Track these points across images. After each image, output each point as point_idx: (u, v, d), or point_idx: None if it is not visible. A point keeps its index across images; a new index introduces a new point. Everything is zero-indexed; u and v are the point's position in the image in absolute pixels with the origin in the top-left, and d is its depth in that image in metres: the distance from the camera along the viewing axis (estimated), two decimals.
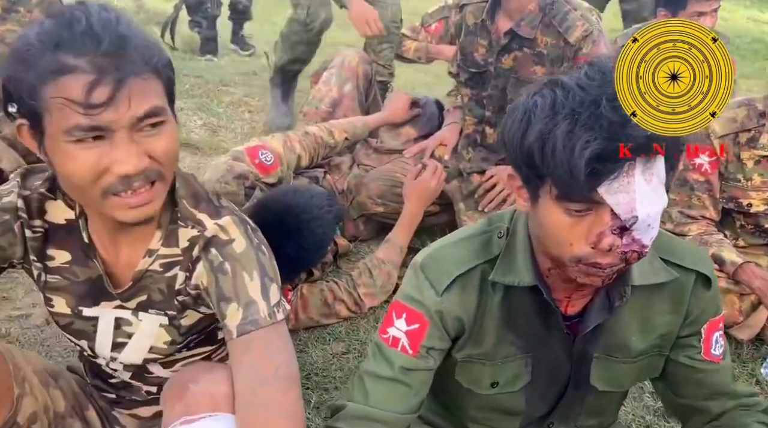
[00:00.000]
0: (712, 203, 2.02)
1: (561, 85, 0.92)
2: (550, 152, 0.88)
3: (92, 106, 0.87)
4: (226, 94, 3.72)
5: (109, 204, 0.95)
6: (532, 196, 0.96)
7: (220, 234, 1.07)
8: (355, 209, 2.32)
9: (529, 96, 0.95)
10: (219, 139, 3.08)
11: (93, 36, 0.89)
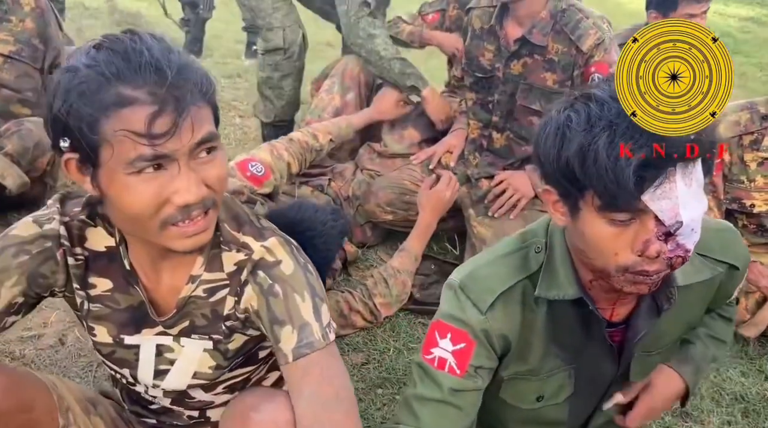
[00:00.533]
0: (716, 204, 2.06)
1: (594, 99, 0.94)
2: (592, 164, 0.89)
3: (156, 136, 0.87)
4: None
5: (167, 234, 0.94)
6: (571, 209, 0.97)
7: (267, 256, 1.06)
8: (362, 215, 2.31)
9: (559, 111, 0.97)
10: None
11: (157, 68, 0.87)
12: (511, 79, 2.04)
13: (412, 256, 1.94)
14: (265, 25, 2.57)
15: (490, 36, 2.08)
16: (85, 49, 0.93)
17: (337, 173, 2.39)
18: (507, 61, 2.02)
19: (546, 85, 2.00)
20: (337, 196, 2.32)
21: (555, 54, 1.96)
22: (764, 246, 2.11)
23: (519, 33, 2.00)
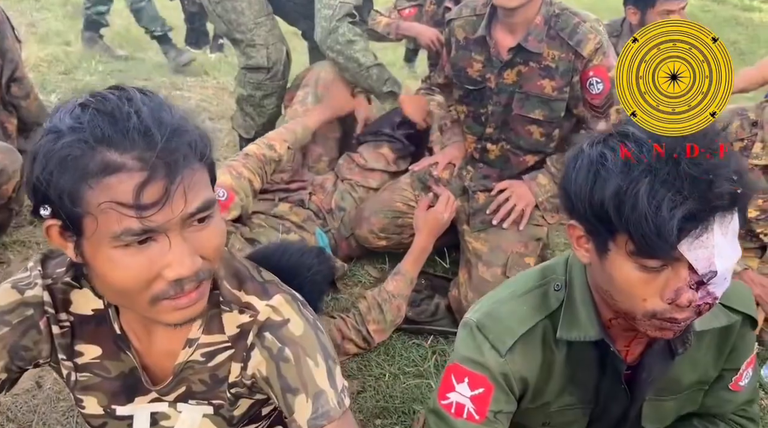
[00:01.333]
0: None
1: (633, 139, 0.90)
2: (630, 210, 0.85)
3: (144, 207, 0.77)
4: (181, 100, 3.50)
5: (157, 309, 0.85)
6: (598, 248, 0.93)
7: (274, 315, 0.98)
8: (347, 227, 2.23)
9: (592, 145, 0.93)
10: None
11: (146, 131, 0.78)
12: (504, 89, 1.96)
13: (407, 280, 1.88)
14: (246, 40, 2.42)
15: (478, 46, 1.99)
16: (70, 107, 0.82)
17: (317, 185, 2.30)
18: (500, 71, 1.94)
19: (544, 93, 1.93)
20: (319, 210, 2.23)
21: (551, 60, 1.89)
22: (753, 250, 2.11)
23: (512, 41, 1.91)
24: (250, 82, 2.50)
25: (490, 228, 2.06)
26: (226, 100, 3.60)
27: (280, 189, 2.25)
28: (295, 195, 2.24)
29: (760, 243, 2.08)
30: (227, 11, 2.37)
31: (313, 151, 2.36)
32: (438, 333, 1.98)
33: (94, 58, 4.02)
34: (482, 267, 1.99)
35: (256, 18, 2.39)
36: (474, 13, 2.01)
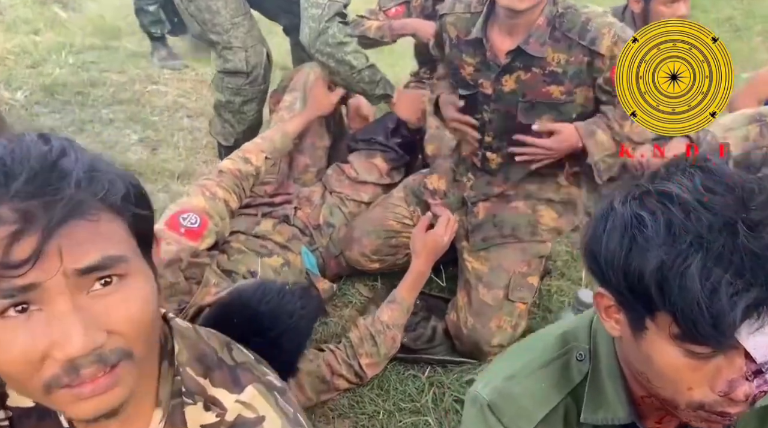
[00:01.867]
0: None
1: (677, 202, 0.73)
2: (677, 290, 0.70)
3: (12, 265, 0.61)
4: (158, 96, 3.32)
5: (56, 399, 0.68)
6: (634, 325, 0.79)
7: (246, 412, 0.82)
8: (336, 245, 2.08)
9: (624, 203, 0.78)
10: (160, 158, 2.73)
11: (29, 176, 0.63)
12: (503, 97, 1.78)
13: (403, 309, 1.73)
14: (222, 42, 2.23)
15: (470, 48, 1.80)
16: None
17: (303, 199, 2.14)
18: (497, 76, 1.76)
19: (552, 98, 1.75)
20: (306, 226, 2.07)
21: (557, 65, 1.71)
22: None
23: (510, 44, 1.73)
24: (229, 87, 2.32)
25: (492, 246, 1.91)
26: (205, 95, 3.40)
27: (263, 203, 2.09)
28: (279, 209, 2.08)
29: None
30: (201, 10, 2.19)
31: (300, 161, 2.20)
32: (435, 363, 1.84)
33: (64, 49, 3.80)
34: (483, 290, 1.85)
35: (233, 18, 2.21)
36: (468, 11, 1.82)
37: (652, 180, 0.79)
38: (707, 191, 0.73)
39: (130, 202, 0.69)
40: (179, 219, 1.59)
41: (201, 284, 1.54)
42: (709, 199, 0.72)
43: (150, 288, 0.71)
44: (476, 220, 1.94)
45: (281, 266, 1.85)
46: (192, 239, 1.57)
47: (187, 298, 1.53)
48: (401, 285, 1.76)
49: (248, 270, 1.73)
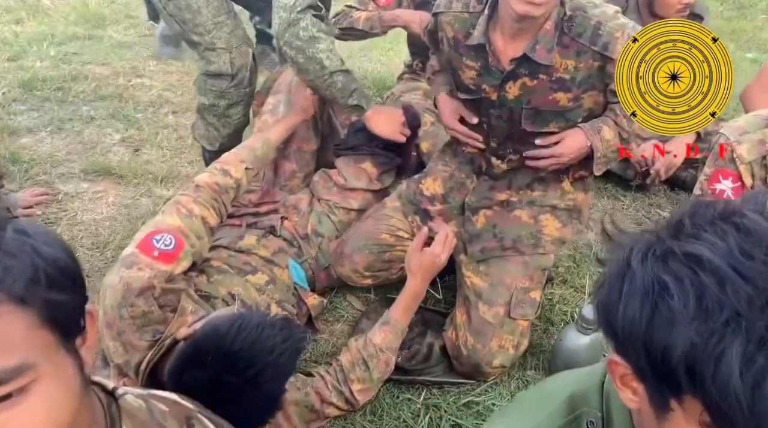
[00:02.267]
0: None
1: (708, 268, 0.61)
2: (710, 378, 0.59)
3: None
4: (142, 90, 3.18)
5: None
6: (656, 403, 0.67)
7: None
8: (326, 256, 1.97)
9: (644, 262, 0.66)
10: (143, 160, 2.60)
11: None
12: (507, 103, 1.66)
13: (398, 331, 1.62)
14: (205, 43, 2.09)
15: (471, 52, 1.67)
16: None
17: (290, 207, 2.02)
18: (501, 83, 1.63)
19: (559, 106, 1.64)
20: (293, 237, 1.96)
21: (564, 71, 1.58)
22: None
23: (514, 50, 1.59)
24: (212, 90, 2.17)
25: (492, 259, 1.79)
26: (192, 89, 3.24)
27: (248, 213, 1.98)
28: (265, 219, 1.97)
29: None
30: (181, 10, 2.03)
31: (285, 168, 2.07)
32: (432, 384, 1.74)
33: (46, 40, 3.66)
34: (483, 307, 1.74)
35: (215, 17, 2.06)
36: (466, 9, 1.68)
37: (675, 234, 0.67)
38: (744, 256, 0.61)
39: (40, 288, 0.57)
40: (152, 241, 1.47)
41: (177, 312, 1.43)
42: (747, 267, 0.61)
43: (64, 390, 0.60)
44: (475, 229, 1.83)
45: (266, 284, 1.74)
46: (166, 262, 1.46)
47: (162, 328, 1.42)
48: (395, 306, 1.64)
49: (228, 292, 1.62)
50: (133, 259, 1.44)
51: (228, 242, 1.83)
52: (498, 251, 1.79)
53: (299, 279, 1.88)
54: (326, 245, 1.98)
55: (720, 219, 0.66)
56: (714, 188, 1.78)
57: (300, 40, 1.89)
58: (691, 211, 0.69)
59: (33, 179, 2.42)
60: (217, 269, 1.69)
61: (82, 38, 3.84)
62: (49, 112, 2.88)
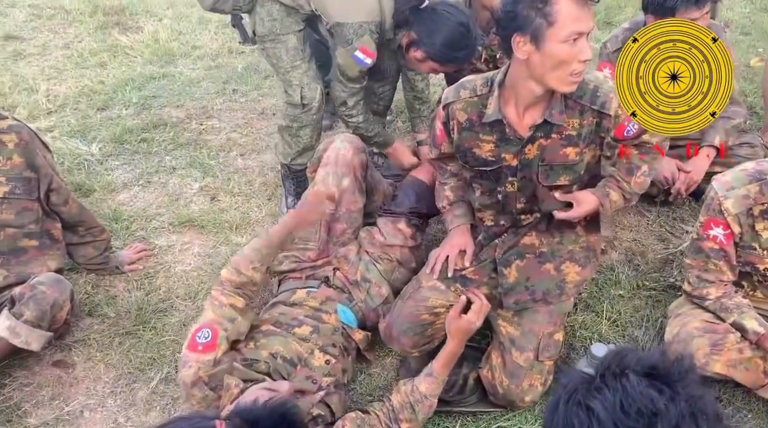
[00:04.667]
0: (729, 268, 2.03)
1: (598, 419, 0.90)
2: None
3: None
4: (213, 133, 3.61)
5: None
6: None
7: None
8: (374, 298, 2.33)
9: (567, 403, 0.94)
10: (219, 208, 3.03)
11: None
12: (527, 164, 1.93)
13: (439, 382, 1.96)
14: (285, 80, 2.74)
15: (486, 127, 1.93)
16: None
17: (341, 258, 2.39)
18: (521, 148, 1.90)
19: (568, 160, 1.91)
20: (344, 285, 2.33)
21: (572, 129, 1.85)
22: None
23: (531, 118, 1.86)
24: (289, 115, 2.80)
25: (524, 311, 2.08)
26: (256, 127, 3.67)
27: (307, 266, 2.37)
28: (320, 271, 2.35)
29: None
30: (269, 56, 2.75)
31: (337, 228, 2.43)
32: (467, 414, 2.10)
33: (128, 85, 4.13)
34: (516, 353, 2.05)
35: (293, 62, 2.70)
36: (474, 94, 1.95)
37: (590, 384, 0.95)
38: (623, 413, 0.89)
39: None
40: (196, 339, 1.88)
41: (224, 389, 1.83)
42: (624, 422, 0.89)
43: None
44: (508, 283, 2.09)
45: (310, 333, 2.10)
46: (209, 351, 1.86)
47: (218, 403, 1.84)
48: (437, 361, 1.98)
49: (270, 353, 1.98)
50: (185, 359, 1.87)
51: (284, 297, 2.23)
52: (530, 303, 2.08)
53: (348, 320, 2.25)
54: (374, 289, 2.35)
55: (621, 374, 0.94)
56: (708, 234, 2.03)
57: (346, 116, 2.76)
58: (617, 358, 0.97)
59: (133, 235, 2.89)
60: (264, 333, 2.06)
61: (157, 78, 4.28)
62: (138, 165, 3.34)
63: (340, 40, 2.54)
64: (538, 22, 1.64)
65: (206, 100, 3.95)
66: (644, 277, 2.54)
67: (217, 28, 5.06)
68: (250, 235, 2.86)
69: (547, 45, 1.65)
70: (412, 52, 2.57)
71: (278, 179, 3.16)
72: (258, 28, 2.69)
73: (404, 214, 2.48)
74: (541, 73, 1.71)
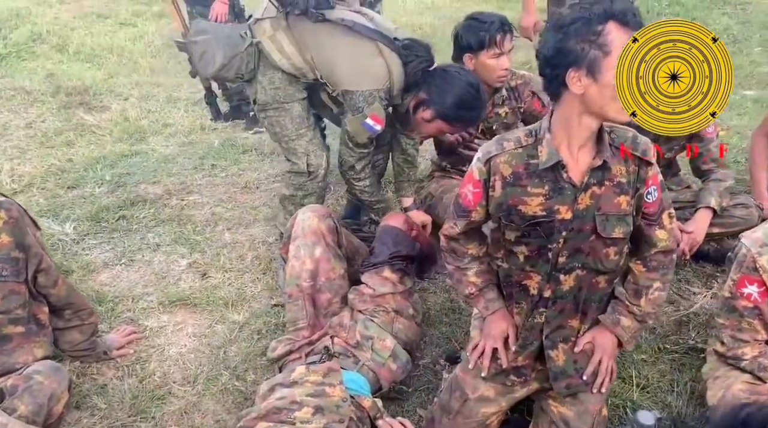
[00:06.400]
0: (763, 326, 2.00)
1: None
2: None
3: None
4: (196, 208, 3.48)
5: None
6: None
7: None
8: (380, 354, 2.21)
9: None
10: (212, 284, 2.86)
11: None
12: (580, 215, 1.78)
13: None
14: (289, 149, 2.71)
15: (536, 178, 1.78)
16: None
17: (336, 326, 2.27)
18: (575, 197, 1.76)
19: (621, 210, 1.78)
20: (345, 349, 2.20)
21: (620, 175, 1.76)
22: None
23: (585, 161, 1.74)
24: (293, 184, 2.77)
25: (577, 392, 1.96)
26: (240, 201, 3.56)
27: (303, 344, 2.24)
28: (318, 344, 2.22)
29: None
30: (272, 124, 2.70)
31: (322, 299, 2.33)
32: None
33: (99, 163, 3.97)
34: None
35: (298, 130, 2.67)
36: (519, 145, 1.80)
37: None
38: None
39: None
40: None
41: None
42: None
43: None
44: (557, 367, 1.94)
45: (312, 415, 1.90)
46: None
47: None
48: None
49: None
50: None
51: (282, 378, 2.04)
52: (582, 387, 1.94)
53: (359, 388, 2.08)
54: (378, 344, 2.23)
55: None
56: (742, 292, 2.00)
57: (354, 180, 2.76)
58: None
59: (119, 317, 2.68)
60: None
61: (129, 155, 4.15)
62: (119, 243, 3.16)
63: (349, 108, 2.50)
64: (593, 54, 1.58)
65: (184, 175, 3.83)
66: (664, 340, 2.49)
67: (187, 106, 5.00)
68: (247, 312, 2.70)
69: (606, 76, 1.58)
70: (420, 112, 2.56)
71: (272, 252, 3.03)
72: (260, 96, 2.64)
73: (386, 262, 2.43)
74: (601, 104, 1.63)
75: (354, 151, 2.63)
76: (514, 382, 1.99)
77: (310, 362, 2.16)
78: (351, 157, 2.66)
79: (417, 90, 2.54)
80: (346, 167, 2.70)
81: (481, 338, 2.02)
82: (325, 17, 2.48)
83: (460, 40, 2.83)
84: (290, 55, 2.55)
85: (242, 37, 2.59)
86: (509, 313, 2.00)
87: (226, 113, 4.71)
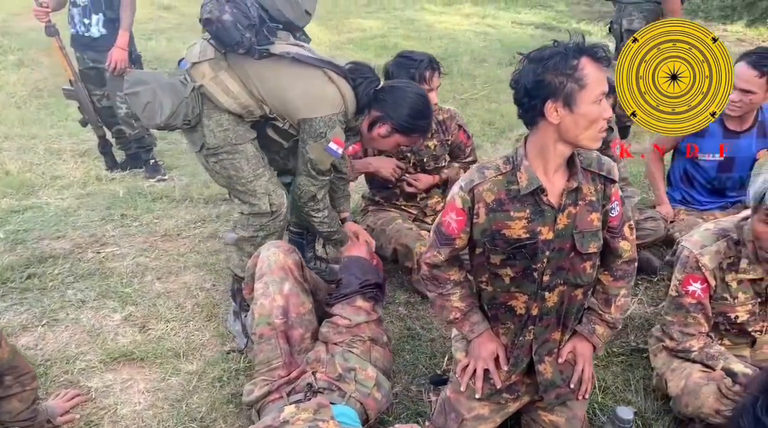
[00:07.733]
0: (706, 320, 2.25)
1: None
2: None
3: None
4: (116, 260, 3.24)
5: None
6: None
7: None
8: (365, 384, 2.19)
9: None
10: (154, 337, 2.67)
11: None
12: (561, 234, 1.89)
13: None
14: (248, 191, 2.61)
15: (517, 202, 1.87)
16: None
17: (314, 362, 2.23)
18: (555, 218, 1.87)
19: (594, 226, 1.92)
20: (329, 384, 2.16)
21: (590, 194, 1.90)
22: (744, 343, 2.34)
23: (560, 184, 1.87)
24: (253, 225, 2.67)
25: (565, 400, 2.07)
26: (164, 249, 3.38)
27: (282, 384, 2.17)
28: (300, 382, 2.16)
29: (751, 338, 2.32)
30: (226, 168, 2.58)
31: (295, 336, 2.28)
32: None
33: None
34: None
35: (255, 170, 2.59)
36: (499, 172, 1.89)
37: None
38: None
39: None
40: None
41: None
42: None
43: None
44: (546, 380, 2.03)
45: None
46: None
47: None
48: None
49: None
50: None
51: (272, 420, 1.93)
52: (570, 395, 2.06)
53: (350, 421, 2.05)
54: (361, 375, 2.20)
55: None
56: (687, 290, 2.24)
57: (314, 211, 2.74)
58: None
59: (56, 381, 2.43)
60: None
61: (20, 211, 3.80)
62: (35, 303, 2.87)
63: (309, 136, 2.49)
64: (570, 87, 1.73)
65: (93, 227, 3.57)
66: (610, 345, 2.69)
67: (74, 157, 4.71)
68: (201, 361, 2.55)
69: (581, 107, 1.74)
70: (377, 129, 2.62)
71: (212, 297, 2.90)
72: (209, 140, 2.54)
73: (357, 291, 2.43)
74: (575, 133, 1.78)
75: (316, 180, 2.61)
76: (508, 399, 2.08)
77: (295, 401, 2.09)
78: (313, 186, 2.64)
79: (369, 109, 2.61)
80: (306, 198, 2.67)
81: (469, 360, 2.09)
82: (270, 52, 2.49)
83: (390, 76, 2.97)
84: (237, 94, 2.50)
85: (183, 83, 2.52)
86: (495, 334, 2.09)
87: (122, 162, 4.48)
